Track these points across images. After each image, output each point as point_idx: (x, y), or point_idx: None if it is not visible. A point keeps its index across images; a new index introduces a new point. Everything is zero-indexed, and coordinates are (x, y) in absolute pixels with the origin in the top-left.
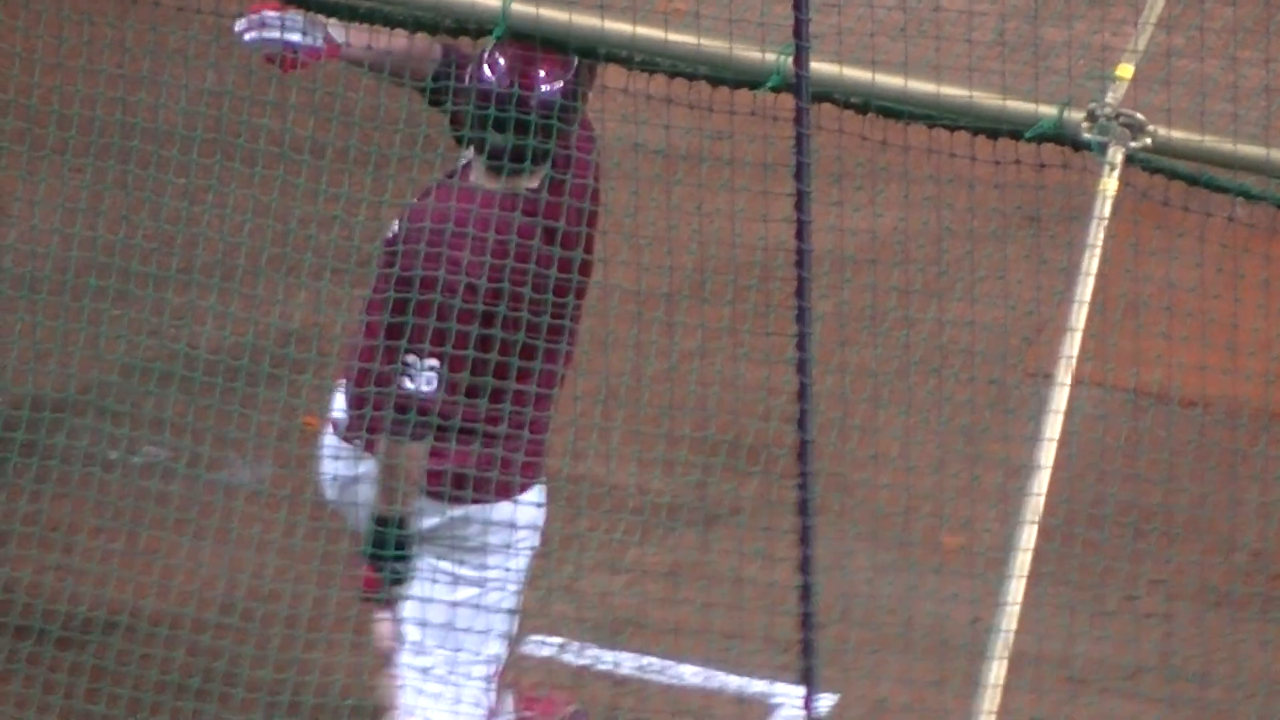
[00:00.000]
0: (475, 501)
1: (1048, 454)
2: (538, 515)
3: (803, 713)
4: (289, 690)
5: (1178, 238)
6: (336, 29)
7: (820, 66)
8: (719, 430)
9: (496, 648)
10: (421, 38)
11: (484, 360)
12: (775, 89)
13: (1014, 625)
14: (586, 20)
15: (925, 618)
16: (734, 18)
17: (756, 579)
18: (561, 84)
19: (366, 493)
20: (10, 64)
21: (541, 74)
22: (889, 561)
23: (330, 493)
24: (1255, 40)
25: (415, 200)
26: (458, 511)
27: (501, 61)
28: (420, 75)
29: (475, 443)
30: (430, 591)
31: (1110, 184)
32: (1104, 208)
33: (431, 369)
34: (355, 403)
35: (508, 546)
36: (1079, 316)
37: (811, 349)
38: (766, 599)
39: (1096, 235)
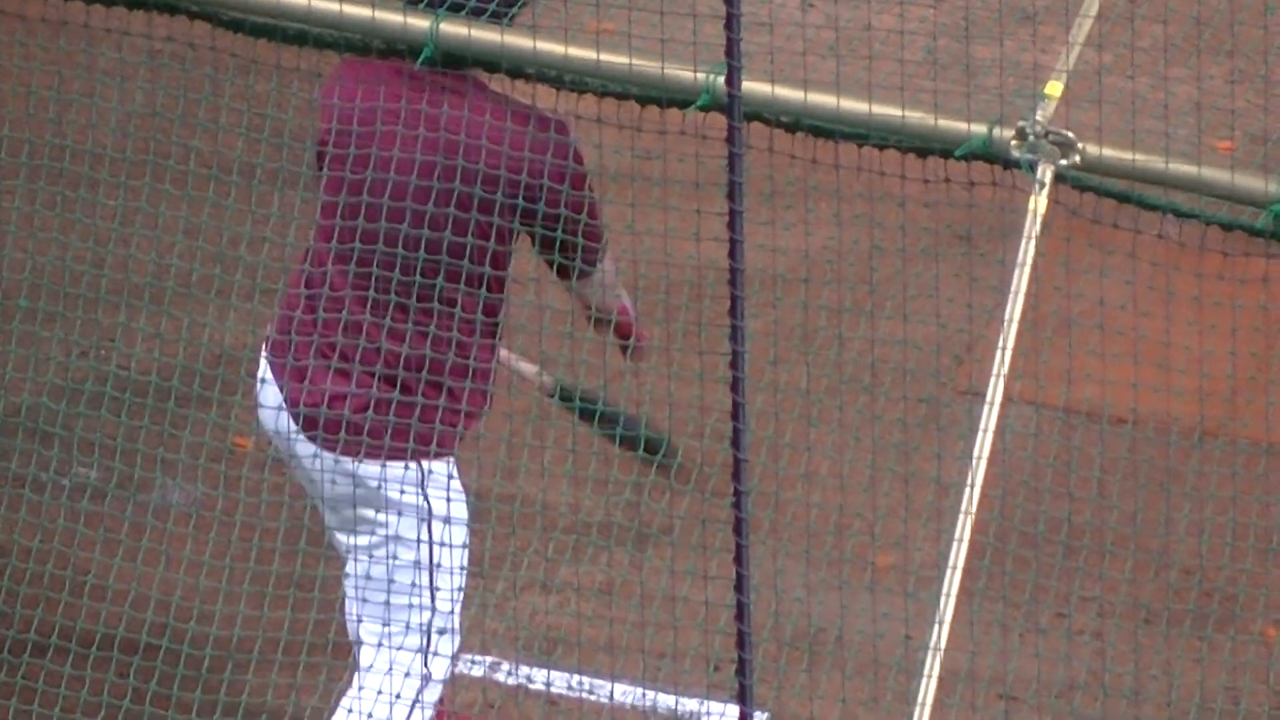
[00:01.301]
0: (369, 456)
1: (979, 472)
2: (444, 487)
3: None
4: (220, 712)
5: (1108, 255)
6: None
7: (751, 85)
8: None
9: (416, 616)
10: None
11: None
12: (706, 108)
13: (946, 643)
14: (518, 40)
15: (858, 636)
16: (665, 37)
17: (690, 597)
18: None
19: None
20: None
21: None
22: (821, 580)
23: (264, 422)
24: (1185, 58)
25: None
26: (346, 463)
27: None
28: None
29: (373, 387)
30: (350, 567)
31: (1041, 202)
32: (1035, 225)
33: None
34: (281, 324)
35: (399, 511)
36: (1010, 334)
37: (744, 367)
38: (699, 617)
39: (1027, 253)
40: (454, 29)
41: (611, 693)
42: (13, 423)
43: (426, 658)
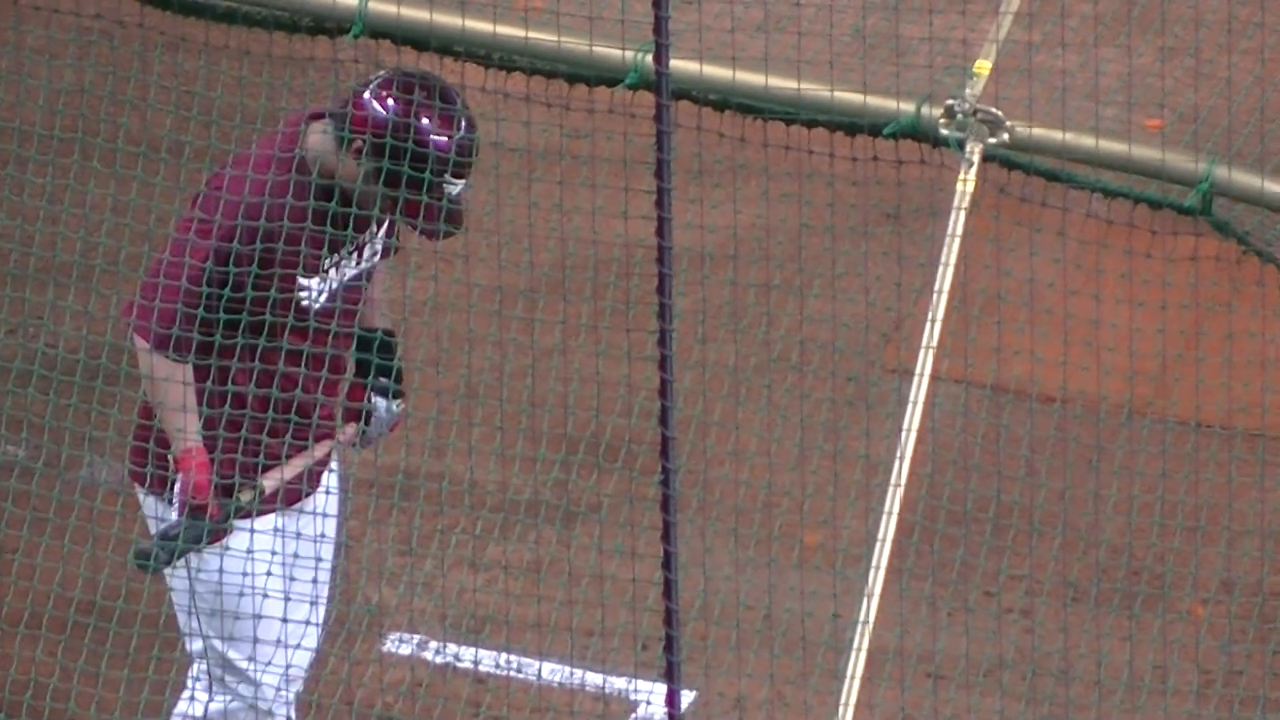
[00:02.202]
0: (140, 478)
1: (908, 450)
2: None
3: (664, 709)
4: (147, 689)
5: (1037, 233)
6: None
7: (680, 64)
8: (580, 427)
9: (197, 643)
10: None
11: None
12: (634, 86)
13: (874, 621)
14: (446, 18)
15: (786, 614)
16: (593, 15)
17: (617, 575)
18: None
19: None
20: None
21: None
22: (749, 558)
23: None
24: (1114, 36)
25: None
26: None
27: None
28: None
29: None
30: None
31: (969, 180)
32: (963, 203)
33: None
34: None
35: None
36: (938, 312)
37: (672, 346)
38: (627, 595)
39: (955, 231)
40: (382, 6)
41: (539, 671)
42: None
43: (191, 692)
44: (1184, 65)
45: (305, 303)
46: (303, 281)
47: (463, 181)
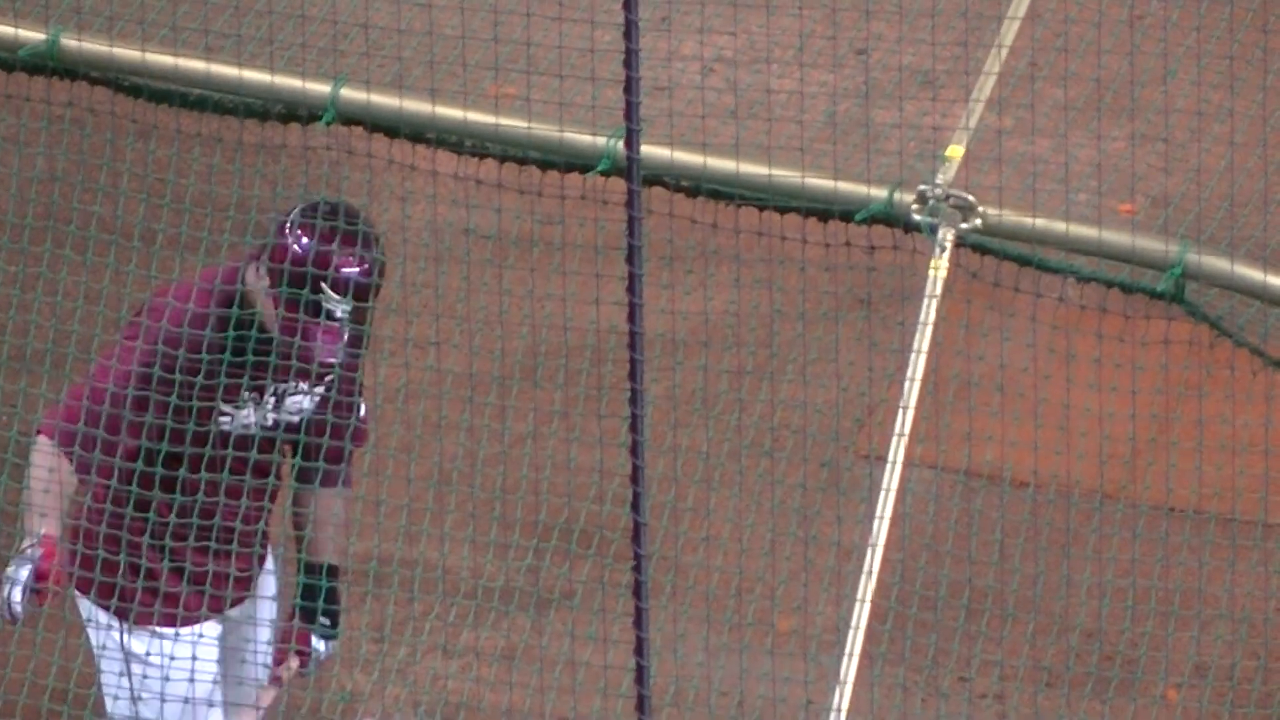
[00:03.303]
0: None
1: (880, 535)
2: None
3: None
4: None
5: (1009, 318)
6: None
7: (651, 150)
8: (552, 513)
9: None
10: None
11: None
12: (606, 173)
13: (847, 707)
14: (417, 105)
15: (759, 700)
16: (564, 101)
17: (590, 662)
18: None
19: None
20: None
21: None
22: (722, 644)
23: None
24: (1085, 121)
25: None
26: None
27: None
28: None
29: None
30: None
31: (941, 265)
32: (935, 289)
33: None
34: None
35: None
36: (911, 397)
37: (644, 431)
38: (600, 682)
39: (928, 316)
40: (353, 94)
41: None
42: None
43: None
44: (1155, 150)
45: (225, 428)
46: (223, 408)
47: (339, 299)
